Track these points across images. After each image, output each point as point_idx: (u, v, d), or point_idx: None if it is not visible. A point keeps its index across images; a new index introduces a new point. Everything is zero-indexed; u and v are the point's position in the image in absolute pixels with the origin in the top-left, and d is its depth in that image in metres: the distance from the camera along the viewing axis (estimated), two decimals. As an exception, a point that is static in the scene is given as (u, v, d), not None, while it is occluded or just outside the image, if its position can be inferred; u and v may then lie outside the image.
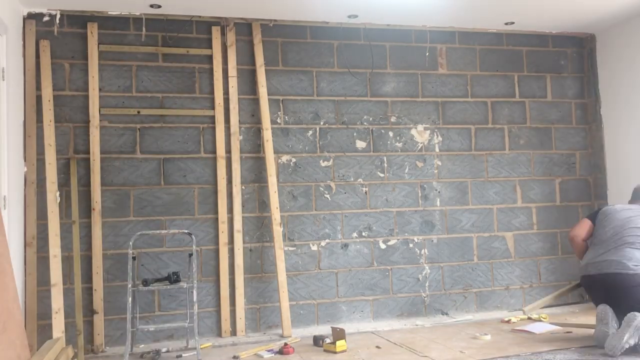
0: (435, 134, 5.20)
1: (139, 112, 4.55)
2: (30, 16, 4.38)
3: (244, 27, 4.83)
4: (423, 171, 5.14)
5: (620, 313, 3.72)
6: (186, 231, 4.11)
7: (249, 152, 4.76)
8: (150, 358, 3.90)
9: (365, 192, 5.00)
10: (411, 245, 5.06)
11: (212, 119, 4.68)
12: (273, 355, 4.01)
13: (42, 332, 4.13)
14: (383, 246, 5.00)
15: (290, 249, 4.75)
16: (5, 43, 3.83)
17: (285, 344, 4.04)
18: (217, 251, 4.58)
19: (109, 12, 4.55)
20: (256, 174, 4.76)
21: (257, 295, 4.60)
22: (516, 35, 5.46)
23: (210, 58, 4.72)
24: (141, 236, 4.42)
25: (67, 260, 4.27)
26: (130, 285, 3.81)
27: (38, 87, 4.32)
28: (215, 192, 4.63)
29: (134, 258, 4.03)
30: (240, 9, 4.62)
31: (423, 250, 5.08)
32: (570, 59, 5.62)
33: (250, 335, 4.52)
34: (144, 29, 4.62)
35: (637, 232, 3.91)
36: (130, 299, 3.78)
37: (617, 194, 5.35)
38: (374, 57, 5.08)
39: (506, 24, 5.25)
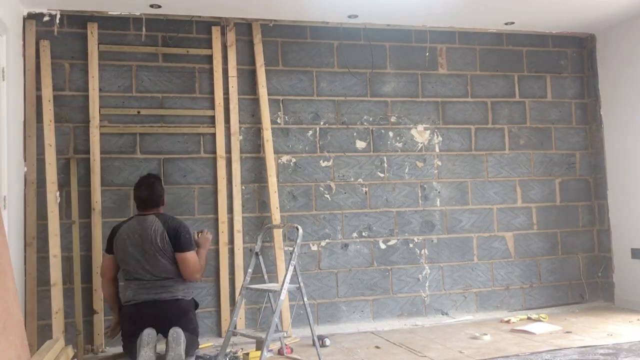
0: (435, 134, 5.20)
1: (139, 112, 4.56)
2: (30, 16, 4.38)
3: (244, 27, 4.83)
4: (423, 171, 5.14)
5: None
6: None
7: (249, 152, 4.76)
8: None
9: (365, 192, 5.00)
10: (411, 245, 5.06)
11: (212, 119, 4.68)
12: (272, 355, 4.01)
13: (42, 332, 4.13)
14: (383, 246, 5.00)
15: (290, 249, 4.74)
16: (5, 43, 3.83)
17: (285, 344, 4.05)
18: (217, 251, 4.58)
19: (109, 12, 4.55)
20: (256, 174, 4.76)
21: (257, 295, 4.59)
22: (516, 35, 5.46)
23: (210, 58, 4.72)
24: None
25: (67, 260, 4.27)
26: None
27: (38, 87, 4.32)
28: (215, 192, 4.63)
29: (257, 254, 4.04)
30: (240, 9, 4.62)
31: (423, 250, 5.08)
32: (570, 59, 5.62)
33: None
34: (144, 29, 4.63)
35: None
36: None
37: (617, 194, 5.35)
38: (374, 57, 5.08)
39: (506, 24, 5.25)
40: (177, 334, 3.52)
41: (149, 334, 3.53)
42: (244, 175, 4.73)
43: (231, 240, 4.61)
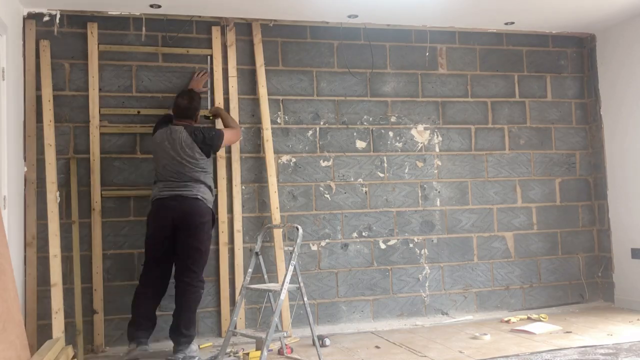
0: (435, 134, 5.20)
1: (139, 112, 4.55)
2: (30, 16, 4.38)
3: (244, 27, 4.83)
4: (423, 171, 5.14)
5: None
6: None
7: (249, 152, 4.76)
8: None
9: (365, 192, 5.00)
10: (411, 245, 5.06)
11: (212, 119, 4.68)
12: (272, 355, 4.01)
13: (42, 332, 4.13)
14: (383, 246, 5.00)
15: (290, 248, 4.74)
16: (5, 43, 3.83)
17: (285, 344, 4.05)
18: (217, 251, 4.58)
19: (109, 12, 4.55)
20: (256, 174, 4.76)
21: (257, 295, 4.60)
22: (516, 35, 5.46)
23: (210, 58, 4.72)
24: (141, 236, 4.42)
25: (67, 260, 4.27)
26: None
27: (38, 87, 4.32)
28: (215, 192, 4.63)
29: (257, 254, 4.08)
30: (240, 9, 4.62)
31: (423, 250, 5.08)
32: (570, 59, 5.62)
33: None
34: (144, 29, 4.63)
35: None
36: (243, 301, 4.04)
37: (617, 194, 5.35)
38: (374, 57, 5.08)
39: (506, 24, 5.25)
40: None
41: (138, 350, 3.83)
42: (244, 175, 4.73)
43: (231, 240, 4.61)
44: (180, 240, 3.97)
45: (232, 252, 4.60)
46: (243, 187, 4.71)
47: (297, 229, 3.88)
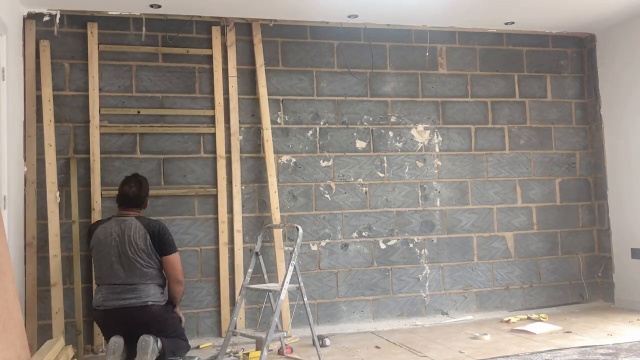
0: (435, 134, 5.20)
1: (139, 112, 4.55)
2: (30, 16, 4.38)
3: (244, 27, 4.83)
4: (423, 171, 5.14)
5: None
6: None
7: (249, 152, 4.76)
8: None
9: (365, 192, 5.00)
10: (411, 245, 5.06)
11: (212, 119, 4.68)
12: (272, 355, 4.01)
13: (42, 332, 4.13)
14: (383, 246, 5.00)
15: (290, 248, 4.74)
16: (5, 43, 3.83)
17: (285, 344, 4.05)
18: (217, 251, 4.58)
19: (109, 12, 4.55)
20: (256, 174, 4.76)
21: (257, 295, 4.60)
22: (516, 35, 5.46)
23: (210, 58, 4.72)
24: (141, 236, 4.42)
25: (67, 260, 4.27)
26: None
27: (38, 87, 4.32)
28: (215, 192, 4.63)
29: (257, 254, 4.05)
30: (240, 9, 4.62)
31: (423, 250, 5.08)
32: (570, 59, 5.62)
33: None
34: (144, 29, 4.63)
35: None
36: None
37: (617, 194, 5.35)
38: (374, 57, 5.08)
39: (506, 24, 5.25)
40: (145, 342, 3.42)
41: (115, 342, 3.49)
42: (244, 175, 4.73)
43: (231, 240, 4.61)
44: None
45: (232, 252, 4.60)
46: (243, 187, 4.71)
47: (297, 229, 3.88)
